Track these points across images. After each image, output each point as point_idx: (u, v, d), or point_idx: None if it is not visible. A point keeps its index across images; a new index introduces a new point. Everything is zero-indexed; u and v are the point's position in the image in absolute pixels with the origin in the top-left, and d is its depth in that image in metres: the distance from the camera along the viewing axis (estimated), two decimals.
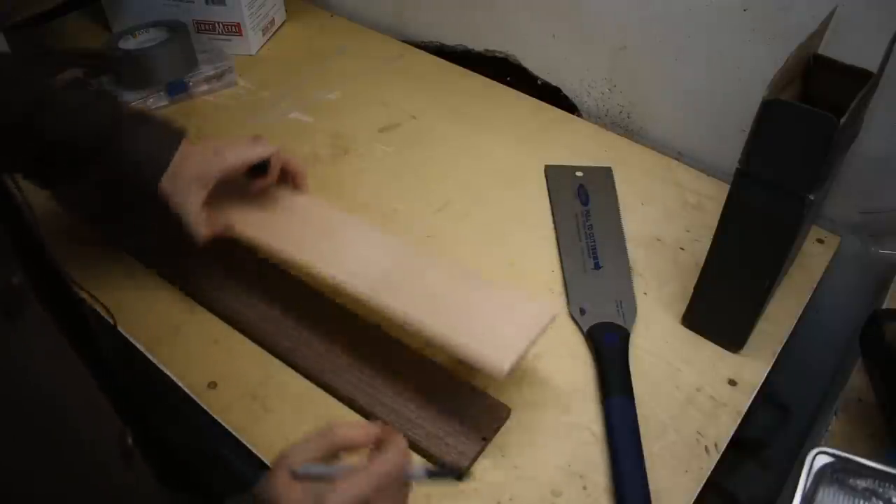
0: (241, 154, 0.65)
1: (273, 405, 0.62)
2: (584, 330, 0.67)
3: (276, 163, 0.68)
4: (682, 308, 0.68)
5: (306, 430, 0.45)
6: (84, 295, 0.61)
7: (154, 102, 0.95)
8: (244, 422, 0.60)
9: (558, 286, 0.72)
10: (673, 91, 0.86)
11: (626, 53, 0.87)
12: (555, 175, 0.85)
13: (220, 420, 0.61)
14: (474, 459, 0.57)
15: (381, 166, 0.87)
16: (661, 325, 0.69)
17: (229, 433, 0.60)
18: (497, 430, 0.59)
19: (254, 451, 0.59)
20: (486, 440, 0.58)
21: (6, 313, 0.32)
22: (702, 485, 0.57)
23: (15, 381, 0.33)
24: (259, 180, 0.68)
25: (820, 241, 0.77)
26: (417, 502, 0.53)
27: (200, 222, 0.64)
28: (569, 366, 0.65)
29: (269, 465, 0.57)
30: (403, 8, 1.08)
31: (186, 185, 0.63)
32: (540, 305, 0.61)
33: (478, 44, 1.02)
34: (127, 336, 0.67)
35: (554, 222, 0.79)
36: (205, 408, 0.62)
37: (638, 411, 0.60)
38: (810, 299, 0.71)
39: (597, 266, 0.73)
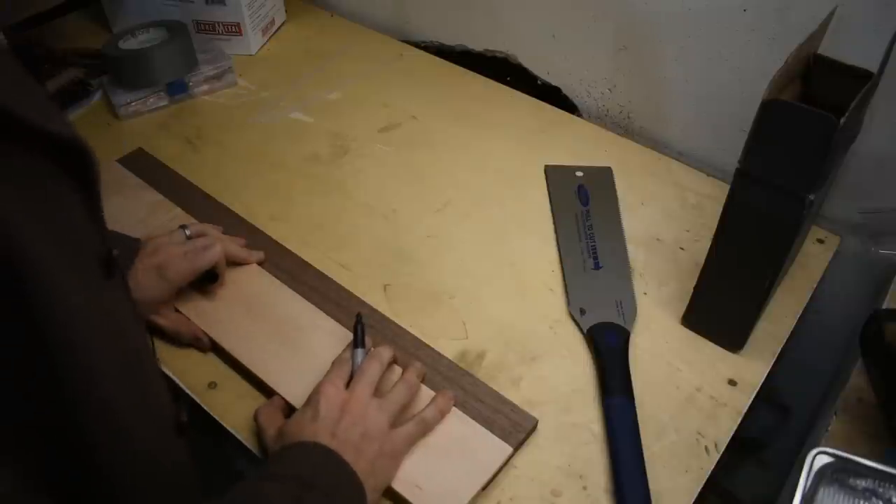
0: (184, 271, 0.65)
1: None
2: (584, 330, 0.67)
3: (223, 266, 0.69)
4: (682, 308, 0.68)
5: None
6: None
7: (154, 102, 0.95)
8: (244, 422, 0.60)
9: (558, 286, 0.72)
10: (673, 91, 0.86)
11: (626, 53, 0.87)
12: (555, 175, 0.85)
13: (219, 420, 0.61)
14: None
15: (381, 166, 0.87)
16: (661, 325, 0.69)
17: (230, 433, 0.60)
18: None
19: (254, 451, 0.59)
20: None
21: (106, 274, 0.38)
22: (702, 485, 0.57)
23: (112, 325, 0.38)
24: (211, 287, 0.68)
25: (820, 241, 0.77)
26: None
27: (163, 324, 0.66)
28: (569, 366, 0.65)
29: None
30: (403, 8, 1.08)
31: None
32: (494, 443, 0.58)
33: (478, 44, 1.02)
34: None
35: (554, 222, 0.79)
36: (205, 408, 0.62)
37: (638, 411, 0.60)
38: (810, 299, 0.71)
39: (597, 266, 0.73)
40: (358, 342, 0.61)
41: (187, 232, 0.69)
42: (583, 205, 0.80)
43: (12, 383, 0.32)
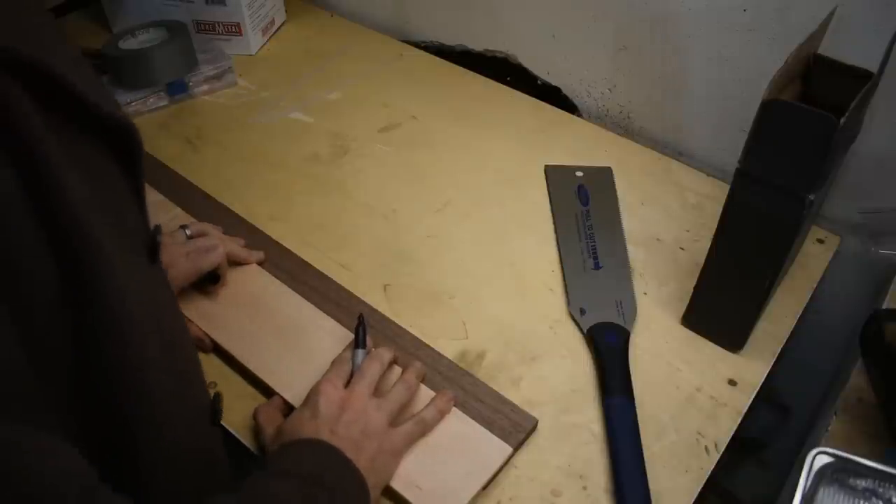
0: (187, 272, 0.65)
1: None
2: (584, 330, 0.67)
3: (225, 267, 0.69)
4: (682, 308, 0.68)
5: None
6: None
7: (154, 102, 0.95)
8: (244, 422, 0.60)
9: (558, 286, 0.72)
10: (673, 91, 0.86)
11: (626, 53, 0.87)
12: (555, 175, 0.85)
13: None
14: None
15: (381, 166, 0.87)
16: (661, 325, 0.69)
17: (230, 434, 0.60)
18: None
19: (253, 450, 0.59)
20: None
21: (151, 259, 0.39)
22: (702, 485, 0.57)
23: (155, 309, 0.39)
24: (213, 288, 0.68)
25: (820, 241, 0.77)
26: None
27: None
28: (569, 366, 0.65)
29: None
30: (403, 8, 1.08)
31: None
32: (494, 443, 0.58)
33: (478, 44, 1.02)
34: None
35: (554, 222, 0.79)
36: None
37: (638, 411, 0.60)
38: (810, 299, 0.71)
39: (597, 266, 0.73)
40: (359, 342, 0.61)
41: (188, 232, 0.69)
42: (583, 205, 0.80)
43: (58, 356, 0.32)
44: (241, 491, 0.45)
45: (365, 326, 0.62)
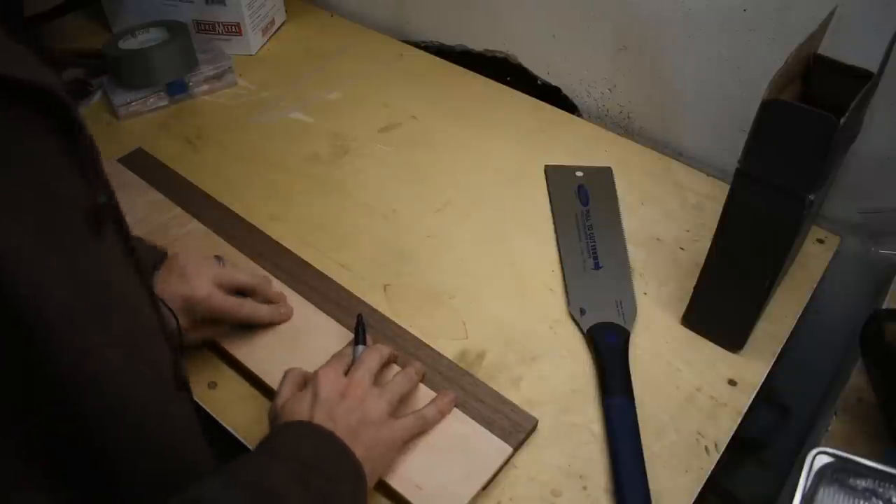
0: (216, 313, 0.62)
1: None
2: (584, 330, 0.67)
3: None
4: (682, 308, 0.68)
5: None
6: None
7: (154, 102, 0.95)
8: (244, 422, 0.60)
9: (558, 286, 0.72)
10: (673, 91, 0.86)
11: (626, 53, 0.87)
12: (555, 175, 0.85)
13: (220, 420, 0.61)
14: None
15: (381, 166, 0.87)
16: (661, 325, 0.69)
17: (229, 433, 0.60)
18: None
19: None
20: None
21: (91, 230, 0.36)
22: (702, 485, 0.57)
23: (104, 285, 0.36)
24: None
25: (820, 241, 0.77)
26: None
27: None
28: (569, 366, 0.65)
29: None
30: (403, 8, 1.08)
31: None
32: (494, 443, 0.58)
33: (477, 44, 1.02)
34: None
35: (554, 222, 0.79)
36: (205, 408, 0.62)
37: (638, 411, 0.60)
38: (810, 299, 0.71)
39: (597, 266, 0.73)
40: (358, 340, 0.61)
41: (222, 263, 0.67)
42: (583, 205, 0.80)
43: None
44: (229, 473, 0.44)
45: (364, 325, 0.62)
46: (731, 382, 0.64)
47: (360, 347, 0.61)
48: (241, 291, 0.65)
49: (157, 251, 0.63)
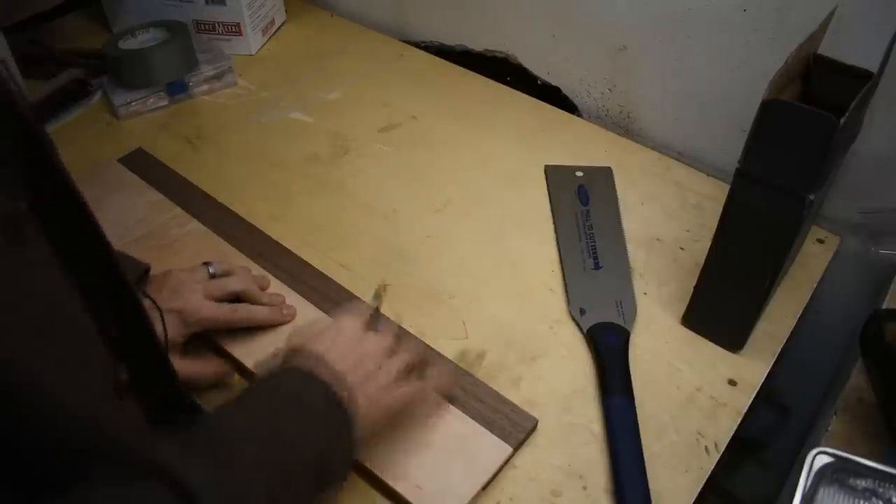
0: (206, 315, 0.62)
1: None
2: (584, 330, 0.67)
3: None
4: (682, 308, 0.68)
5: None
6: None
7: (154, 102, 0.95)
8: None
9: (558, 286, 0.72)
10: (673, 91, 0.86)
11: (626, 53, 0.87)
12: (555, 175, 0.85)
13: None
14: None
15: (381, 166, 0.87)
16: (661, 325, 0.69)
17: None
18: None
19: None
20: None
21: (8, 240, 0.33)
22: (702, 485, 0.57)
23: (14, 296, 0.34)
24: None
25: (820, 241, 0.77)
26: None
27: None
28: (569, 366, 0.65)
29: None
30: (403, 8, 1.08)
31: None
32: (494, 443, 0.58)
33: (477, 44, 1.02)
34: None
35: (554, 222, 0.79)
36: (204, 408, 0.62)
37: (638, 411, 0.60)
38: (810, 299, 0.71)
39: (597, 266, 0.73)
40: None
41: (211, 270, 0.66)
42: (583, 205, 0.80)
43: None
44: (196, 430, 0.42)
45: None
46: (731, 382, 0.64)
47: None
48: (238, 297, 0.65)
49: (139, 264, 0.62)
